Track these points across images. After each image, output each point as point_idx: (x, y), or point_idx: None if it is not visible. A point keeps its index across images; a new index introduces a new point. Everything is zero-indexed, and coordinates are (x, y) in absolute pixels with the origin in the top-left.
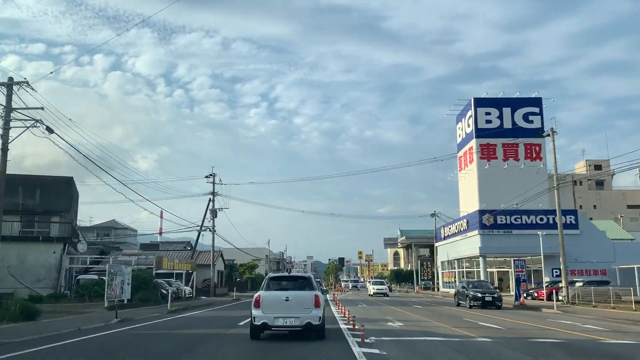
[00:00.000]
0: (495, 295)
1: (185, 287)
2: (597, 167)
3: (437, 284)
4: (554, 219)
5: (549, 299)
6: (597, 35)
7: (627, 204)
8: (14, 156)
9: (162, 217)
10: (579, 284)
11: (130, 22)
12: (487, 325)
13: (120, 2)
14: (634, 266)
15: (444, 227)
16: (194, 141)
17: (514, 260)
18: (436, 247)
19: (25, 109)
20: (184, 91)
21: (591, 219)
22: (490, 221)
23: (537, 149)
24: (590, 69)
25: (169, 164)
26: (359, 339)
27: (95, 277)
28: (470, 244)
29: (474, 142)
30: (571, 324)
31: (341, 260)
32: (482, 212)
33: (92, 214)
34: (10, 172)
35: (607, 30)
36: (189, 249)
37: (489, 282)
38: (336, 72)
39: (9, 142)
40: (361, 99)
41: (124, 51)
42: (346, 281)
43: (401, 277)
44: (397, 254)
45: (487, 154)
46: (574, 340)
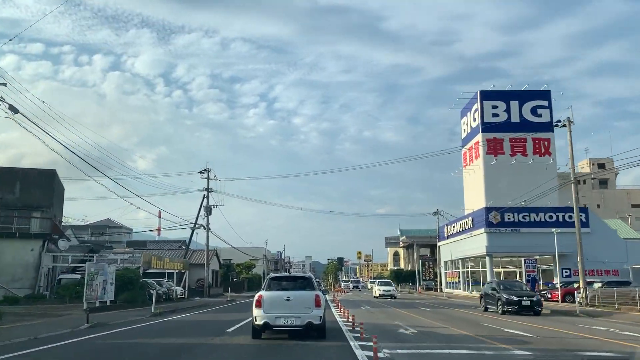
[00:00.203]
0: (534, 298)
1: (177, 288)
2: (601, 165)
3: (440, 284)
4: (564, 216)
5: (563, 300)
6: (596, 36)
7: (632, 203)
8: (11, 155)
9: (160, 216)
10: (597, 285)
11: (129, 22)
12: (515, 332)
13: (119, 2)
14: None
15: (447, 225)
16: (193, 141)
17: (525, 259)
18: (439, 246)
19: None
20: (183, 91)
21: None
22: (497, 219)
23: (546, 143)
24: (589, 70)
25: (168, 163)
26: (370, 352)
27: (78, 276)
28: (476, 243)
29: (480, 137)
30: (607, 330)
31: (340, 260)
32: (488, 210)
33: (91, 214)
34: None
35: (606, 31)
36: (184, 247)
37: (522, 282)
38: (335, 72)
39: None
40: (360, 99)
41: (123, 51)
42: (346, 281)
43: (401, 277)
44: (397, 253)
45: (493, 148)
46: (630, 353)
